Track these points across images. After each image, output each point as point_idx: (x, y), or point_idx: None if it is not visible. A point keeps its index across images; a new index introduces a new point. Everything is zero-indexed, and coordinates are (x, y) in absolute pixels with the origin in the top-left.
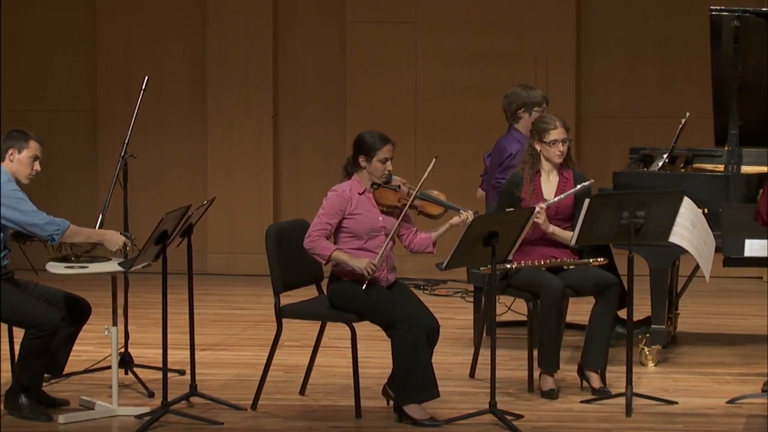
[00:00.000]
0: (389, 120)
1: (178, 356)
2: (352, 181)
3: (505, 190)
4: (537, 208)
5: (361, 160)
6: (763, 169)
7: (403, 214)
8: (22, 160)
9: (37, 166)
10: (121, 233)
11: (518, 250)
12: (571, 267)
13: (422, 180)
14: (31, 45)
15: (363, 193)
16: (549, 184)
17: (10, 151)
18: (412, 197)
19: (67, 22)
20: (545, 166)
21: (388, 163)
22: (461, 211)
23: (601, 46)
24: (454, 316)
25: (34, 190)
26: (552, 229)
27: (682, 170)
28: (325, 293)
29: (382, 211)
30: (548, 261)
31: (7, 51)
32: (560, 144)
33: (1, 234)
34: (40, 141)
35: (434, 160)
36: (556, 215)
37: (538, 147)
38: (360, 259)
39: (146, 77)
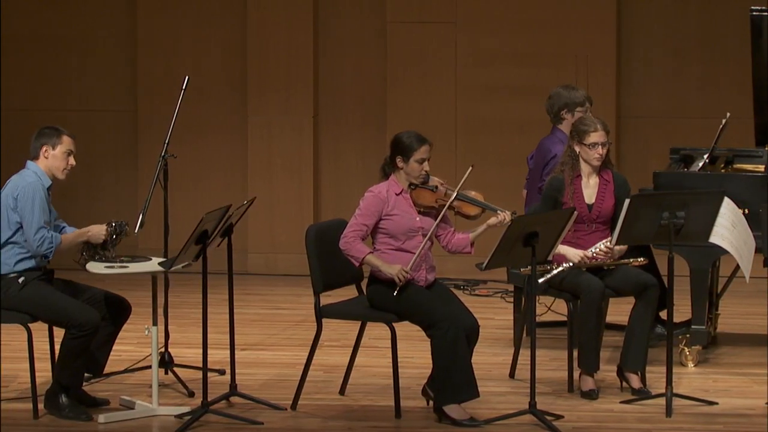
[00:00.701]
0: (429, 120)
1: (218, 356)
2: (389, 181)
3: (546, 195)
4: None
5: (399, 161)
6: None
7: (441, 215)
8: (56, 156)
9: (71, 160)
10: (117, 226)
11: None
12: (611, 267)
13: (459, 185)
14: (72, 46)
15: (400, 193)
16: (589, 187)
17: (44, 148)
18: (451, 198)
19: (108, 23)
20: (584, 168)
21: (426, 163)
22: (499, 211)
23: (641, 46)
24: (494, 316)
25: (75, 190)
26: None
27: (723, 170)
28: (365, 293)
29: (419, 212)
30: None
31: (48, 52)
32: (600, 147)
33: None
34: (72, 135)
35: (470, 168)
36: (597, 218)
37: (577, 149)
38: (392, 266)
39: (186, 77)
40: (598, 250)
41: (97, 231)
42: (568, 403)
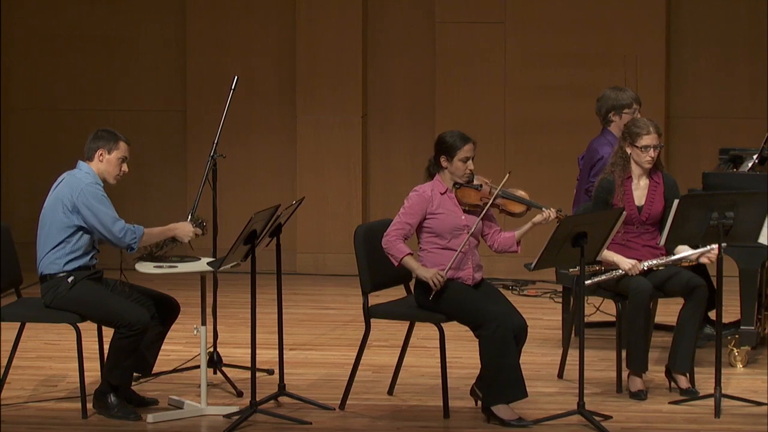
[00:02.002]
0: (478, 120)
1: (267, 356)
2: (434, 181)
3: (598, 197)
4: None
5: (443, 160)
6: None
7: (484, 211)
8: (111, 161)
9: (125, 167)
10: (189, 221)
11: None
12: (660, 268)
13: (499, 187)
14: (122, 46)
15: (445, 192)
16: (639, 189)
17: (100, 152)
18: (494, 195)
19: (157, 23)
20: (635, 170)
21: (470, 162)
22: (543, 209)
23: (691, 46)
24: (542, 316)
25: (125, 189)
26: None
27: None
28: (413, 293)
29: (464, 210)
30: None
31: (98, 52)
32: (651, 150)
33: (89, 235)
34: (128, 141)
35: (507, 175)
36: (647, 220)
37: (628, 150)
38: (427, 269)
39: (236, 77)
40: (653, 264)
41: (185, 229)
42: (617, 403)
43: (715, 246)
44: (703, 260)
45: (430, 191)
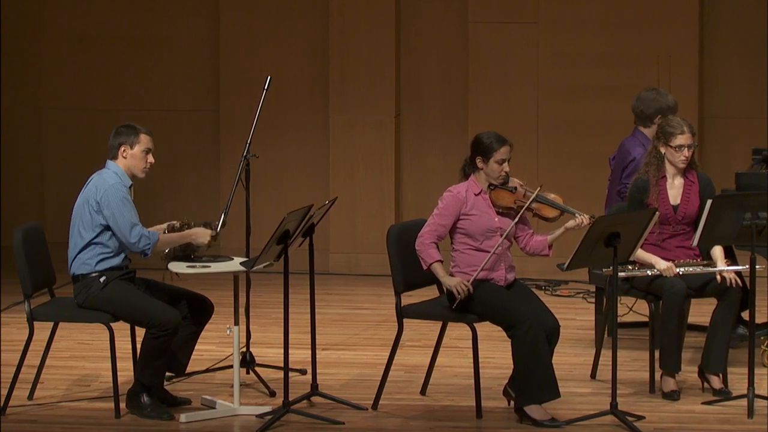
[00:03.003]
0: (511, 120)
1: (300, 356)
2: (469, 182)
3: (632, 197)
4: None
5: (479, 161)
6: None
7: (519, 215)
8: (135, 155)
9: (150, 158)
10: (204, 225)
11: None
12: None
13: (533, 197)
14: (155, 46)
15: (479, 194)
16: (674, 188)
17: (122, 148)
18: (530, 199)
19: (191, 24)
20: (670, 169)
21: (506, 164)
22: (577, 214)
23: (724, 46)
24: (575, 316)
25: (157, 189)
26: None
27: None
28: (446, 293)
29: (498, 212)
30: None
31: (131, 52)
32: (686, 149)
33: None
34: (149, 133)
35: (539, 188)
36: (683, 219)
37: (663, 150)
38: (451, 278)
39: (269, 77)
40: (689, 270)
41: (202, 234)
42: (650, 403)
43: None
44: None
45: (465, 192)
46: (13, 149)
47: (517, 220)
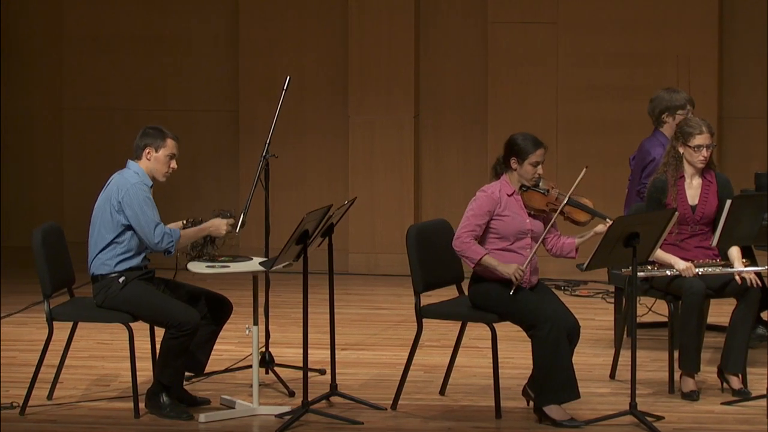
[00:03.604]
0: (530, 121)
1: (319, 356)
2: (501, 181)
3: (651, 197)
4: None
5: (513, 162)
6: None
7: (553, 220)
8: (159, 159)
9: (173, 164)
10: (220, 215)
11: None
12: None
13: (573, 187)
14: (174, 46)
15: (512, 194)
16: (692, 188)
17: (147, 150)
18: (562, 203)
19: (210, 24)
20: (688, 169)
21: (539, 166)
22: (607, 219)
23: (743, 46)
24: (594, 316)
25: (177, 189)
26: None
27: None
28: (466, 293)
29: (529, 214)
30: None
31: (150, 52)
32: (704, 149)
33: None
34: (176, 138)
35: (585, 169)
36: (701, 219)
37: (681, 150)
38: (509, 265)
39: (288, 77)
40: (708, 271)
41: (218, 224)
42: (669, 404)
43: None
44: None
45: (498, 192)
46: (33, 149)
47: (551, 225)
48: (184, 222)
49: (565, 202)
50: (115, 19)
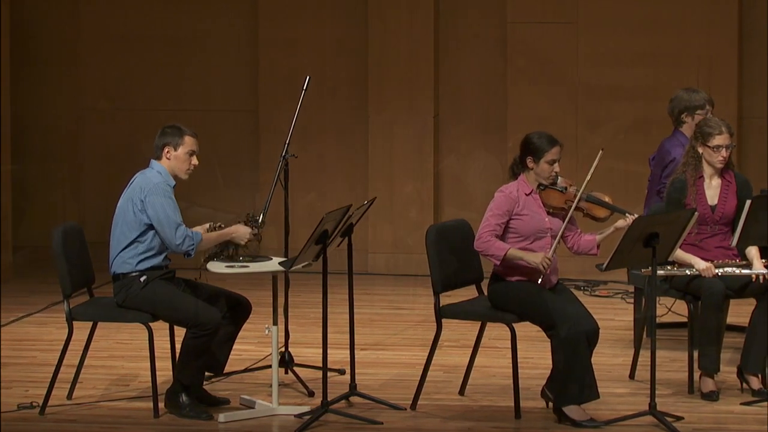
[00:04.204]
0: (550, 120)
1: (338, 356)
2: (519, 181)
3: (670, 198)
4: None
5: (529, 161)
6: None
7: (569, 215)
8: (179, 157)
9: (194, 160)
10: (245, 223)
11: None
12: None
13: (590, 172)
14: (194, 47)
15: (530, 194)
16: (711, 188)
17: (167, 149)
18: (578, 198)
19: (230, 24)
20: (707, 169)
21: (556, 164)
22: (627, 214)
23: (763, 47)
24: (614, 316)
25: (196, 190)
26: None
27: None
28: (485, 293)
29: (548, 212)
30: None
31: (171, 53)
32: (724, 150)
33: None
34: (194, 135)
35: (600, 152)
36: (720, 219)
37: (700, 150)
38: (535, 254)
39: (308, 78)
40: (727, 271)
41: (242, 231)
42: (689, 404)
43: None
44: None
45: (516, 191)
46: (52, 149)
47: (567, 221)
48: (210, 226)
49: (579, 196)
50: (133, 19)
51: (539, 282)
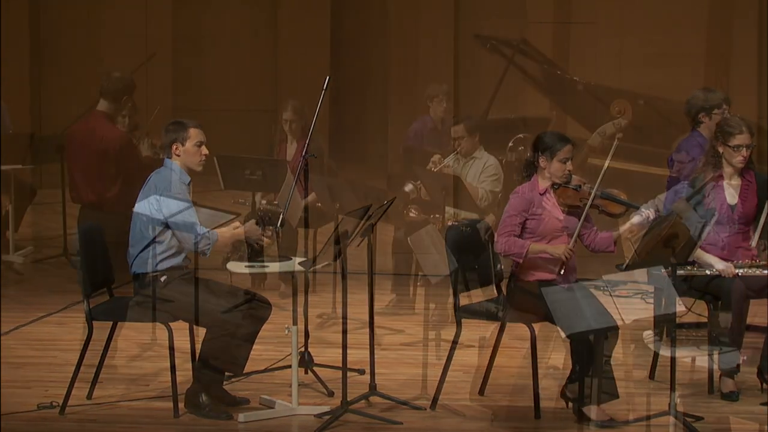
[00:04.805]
0: (568, 120)
1: (358, 356)
2: (532, 181)
3: (689, 197)
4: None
5: (542, 161)
6: None
7: (585, 212)
8: (188, 150)
9: (204, 150)
10: (257, 223)
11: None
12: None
13: (608, 158)
14: (214, 47)
15: (544, 193)
16: (731, 187)
17: (174, 146)
18: (592, 195)
19: (249, 24)
20: (727, 169)
21: (569, 163)
22: (642, 209)
23: None
24: (634, 317)
25: (216, 187)
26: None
27: None
28: (504, 294)
29: (563, 211)
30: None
31: (191, 52)
32: (744, 149)
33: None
34: (198, 125)
35: (616, 141)
36: (740, 219)
37: (720, 149)
38: (557, 246)
39: (327, 77)
40: (747, 271)
41: (253, 230)
42: (708, 404)
43: None
44: None
45: (530, 192)
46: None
47: (583, 219)
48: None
49: (593, 193)
50: (153, 20)
51: (561, 273)
